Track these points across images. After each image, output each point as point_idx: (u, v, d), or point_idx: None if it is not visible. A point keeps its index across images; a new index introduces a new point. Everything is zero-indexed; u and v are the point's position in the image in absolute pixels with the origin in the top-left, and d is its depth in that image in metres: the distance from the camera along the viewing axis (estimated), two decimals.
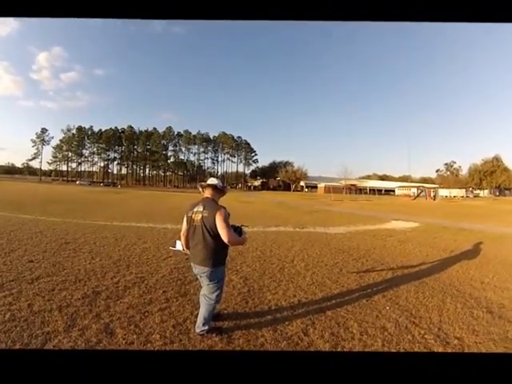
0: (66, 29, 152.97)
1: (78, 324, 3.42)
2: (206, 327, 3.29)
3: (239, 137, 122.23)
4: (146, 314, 3.76)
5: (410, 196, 70.35)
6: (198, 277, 3.43)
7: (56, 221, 11.19)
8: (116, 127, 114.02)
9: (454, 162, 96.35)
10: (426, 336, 3.47)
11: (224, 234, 3.06)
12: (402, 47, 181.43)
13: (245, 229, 3.56)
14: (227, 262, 4.11)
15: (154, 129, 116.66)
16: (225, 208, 3.23)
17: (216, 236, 3.14)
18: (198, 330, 3.31)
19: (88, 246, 7.23)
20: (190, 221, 3.34)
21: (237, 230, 3.41)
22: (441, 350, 3.20)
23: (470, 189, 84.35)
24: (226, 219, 3.13)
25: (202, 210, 3.25)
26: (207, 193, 3.41)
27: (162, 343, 3.09)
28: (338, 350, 3.13)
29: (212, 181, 3.44)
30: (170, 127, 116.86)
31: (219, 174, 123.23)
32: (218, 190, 3.43)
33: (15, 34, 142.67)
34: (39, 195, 27.12)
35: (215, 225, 3.11)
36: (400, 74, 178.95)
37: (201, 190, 3.53)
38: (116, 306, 3.94)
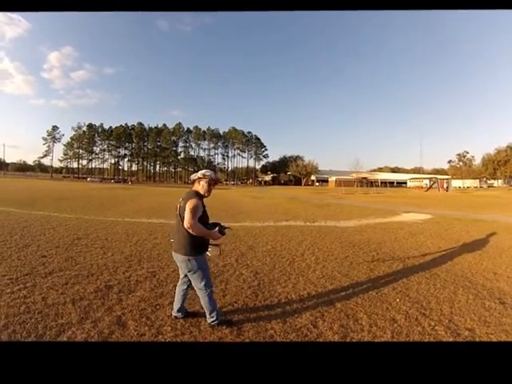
0: (76, 28, 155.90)
1: (91, 316, 3.51)
2: (215, 317, 3.33)
3: (249, 132, 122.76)
4: (158, 306, 3.84)
5: (422, 188, 69.55)
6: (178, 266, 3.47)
7: (68, 217, 11.38)
8: (126, 124, 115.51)
9: (467, 153, 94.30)
10: (436, 327, 3.46)
11: (186, 220, 3.10)
12: (414, 36, 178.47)
13: (224, 230, 3.42)
14: (233, 258, 4.13)
15: (164, 125, 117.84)
16: (198, 198, 3.23)
17: None
18: (209, 321, 3.37)
19: (100, 242, 7.35)
20: (176, 210, 3.41)
21: (215, 226, 3.36)
22: (451, 341, 3.17)
23: (484, 179, 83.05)
24: (194, 208, 3.13)
25: (181, 200, 3.32)
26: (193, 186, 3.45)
27: (173, 335, 3.15)
28: (346, 340, 3.15)
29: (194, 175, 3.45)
30: (179, 123, 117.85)
31: (229, 169, 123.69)
32: (198, 181, 3.39)
33: (27, 35, 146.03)
34: (51, 192, 27.56)
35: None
36: (411, 63, 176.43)
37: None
38: (128, 300, 4.02)
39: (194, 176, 3.41)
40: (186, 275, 3.45)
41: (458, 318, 3.74)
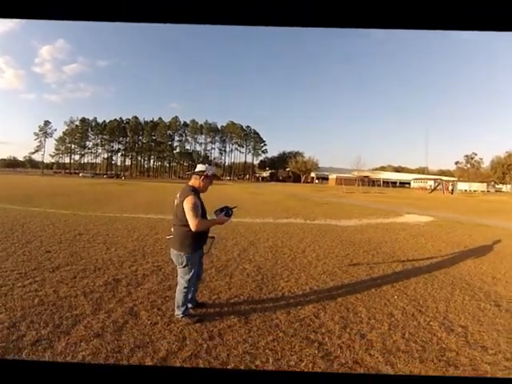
0: (68, 21, 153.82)
1: (104, 307, 3.83)
2: (180, 312, 3.60)
3: (248, 126, 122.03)
4: (167, 298, 4.16)
5: (426, 189, 69.61)
6: None
7: (66, 213, 11.69)
8: (120, 118, 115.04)
9: (475, 154, 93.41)
10: (431, 323, 3.79)
11: (190, 222, 3.33)
12: (419, 32, 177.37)
13: (231, 212, 3.70)
14: (235, 253, 4.41)
15: (160, 119, 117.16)
16: (194, 195, 3.43)
17: (182, 222, 3.44)
18: (175, 314, 3.66)
19: (102, 237, 7.67)
20: (173, 207, 3.67)
21: (222, 211, 3.64)
22: (444, 335, 3.50)
23: (492, 183, 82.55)
24: (194, 206, 3.33)
25: (178, 196, 3.57)
26: (190, 180, 3.71)
27: (185, 323, 3.50)
28: (347, 332, 3.48)
29: (197, 168, 3.67)
30: (176, 117, 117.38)
31: (226, 164, 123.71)
32: (197, 177, 3.63)
33: (18, 29, 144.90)
34: (44, 188, 27.86)
35: (183, 211, 3.40)
36: (419, 56, 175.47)
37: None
38: (137, 292, 4.35)
39: (201, 168, 3.61)
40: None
41: (452, 315, 4.05)
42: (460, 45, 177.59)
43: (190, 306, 3.78)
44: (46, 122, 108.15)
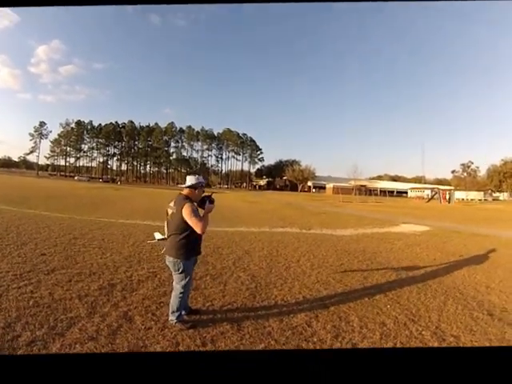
0: (64, 21, 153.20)
1: (99, 311, 3.89)
2: (174, 318, 3.69)
3: (244, 134, 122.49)
4: (162, 304, 4.22)
5: (423, 198, 69.74)
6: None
7: (61, 216, 11.76)
8: (116, 122, 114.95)
9: (472, 163, 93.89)
10: (423, 332, 3.84)
11: (196, 226, 3.49)
12: (416, 36, 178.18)
13: (212, 198, 3.86)
14: (230, 262, 4.47)
15: (156, 124, 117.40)
16: (190, 203, 3.61)
17: (179, 230, 3.62)
18: (169, 319, 3.74)
19: (97, 242, 7.73)
20: (166, 215, 3.86)
21: (204, 202, 3.79)
22: (436, 345, 3.55)
23: (489, 191, 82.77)
24: (194, 212, 3.52)
25: (172, 205, 3.74)
26: (184, 191, 3.86)
27: (178, 329, 3.56)
28: (339, 341, 3.54)
29: (189, 180, 3.82)
30: (172, 123, 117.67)
31: (223, 171, 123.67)
32: (192, 189, 3.80)
33: (13, 27, 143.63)
34: (39, 190, 27.85)
35: (181, 220, 3.56)
36: (414, 65, 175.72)
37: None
38: (132, 297, 4.42)
39: (193, 181, 3.77)
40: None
41: (444, 325, 4.10)
42: (457, 51, 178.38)
43: (183, 312, 3.85)
44: (42, 123, 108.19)
